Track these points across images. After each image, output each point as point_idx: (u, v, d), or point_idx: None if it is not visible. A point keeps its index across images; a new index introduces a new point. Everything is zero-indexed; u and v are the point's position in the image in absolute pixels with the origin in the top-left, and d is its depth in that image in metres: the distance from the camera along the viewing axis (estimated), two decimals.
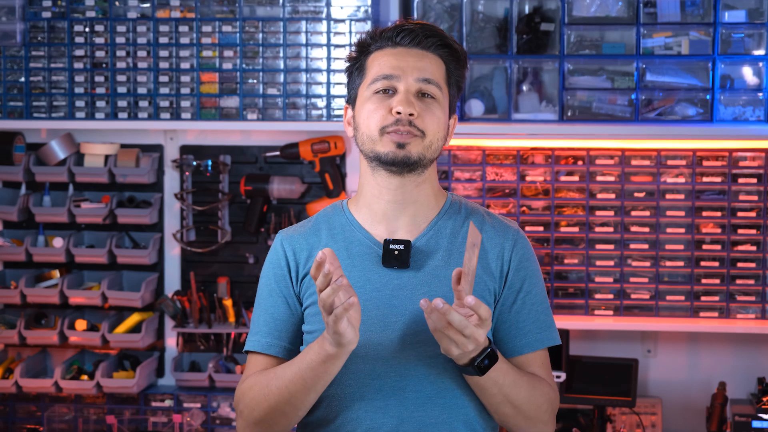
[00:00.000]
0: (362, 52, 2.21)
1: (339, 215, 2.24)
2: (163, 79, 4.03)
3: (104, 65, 4.05)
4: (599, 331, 4.09)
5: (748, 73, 3.90)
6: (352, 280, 2.14)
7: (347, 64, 2.24)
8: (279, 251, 2.22)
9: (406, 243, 2.15)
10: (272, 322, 2.19)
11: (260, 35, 3.98)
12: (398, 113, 2.12)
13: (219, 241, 4.16)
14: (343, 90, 3.95)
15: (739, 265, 3.98)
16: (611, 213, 4.02)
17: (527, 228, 4.02)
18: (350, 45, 3.92)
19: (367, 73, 2.18)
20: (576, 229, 4.03)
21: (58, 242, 4.14)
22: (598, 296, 4.03)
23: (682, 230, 4.00)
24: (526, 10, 3.97)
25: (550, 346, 2.22)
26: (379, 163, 2.15)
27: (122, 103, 4.04)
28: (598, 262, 4.03)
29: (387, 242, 2.16)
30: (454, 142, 4.00)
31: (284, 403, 2.08)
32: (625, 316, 4.02)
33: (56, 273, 4.18)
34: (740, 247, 3.98)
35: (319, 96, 3.98)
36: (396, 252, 2.15)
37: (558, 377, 3.78)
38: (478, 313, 1.95)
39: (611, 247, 4.02)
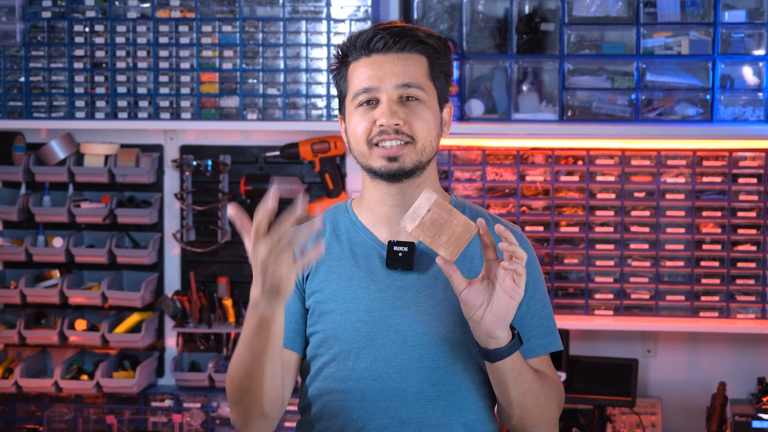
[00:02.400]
0: (342, 63, 2.19)
1: (343, 216, 2.24)
2: (163, 79, 4.02)
3: (104, 65, 4.05)
4: (599, 331, 4.09)
5: (748, 73, 3.90)
6: (355, 281, 2.15)
7: (332, 74, 2.22)
8: None
9: (410, 245, 2.14)
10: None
11: (260, 35, 3.98)
12: (381, 125, 2.10)
13: (219, 241, 4.16)
14: None
15: (739, 265, 3.98)
16: (611, 213, 4.01)
17: (527, 228, 4.02)
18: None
19: (349, 85, 2.16)
20: (576, 229, 4.02)
21: (57, 242, 4.13)
22: (598, 296, 4.03)
23: (682, 230, 3.99)
24: (526, 10, 3.97)
25: (553, 351, 2.21)
26: (375, 175, 2.15)
27: (122, 103, 4.03)
28: (598, 262, 4.03)
29: (391, 244, 2.15)
30: (454, 142, 4.01)
31: (246, 379, 2.04)
32: (625, 316, 4.01)
33: (56, 273, 4.17)
34: (740, 247, 3.97)
35: (319, 96, 3.97)
36: (400, 254, 2.14)
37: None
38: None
39: (611, 247, 4.02)
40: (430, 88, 2.15)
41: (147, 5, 4.01)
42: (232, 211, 1.92)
